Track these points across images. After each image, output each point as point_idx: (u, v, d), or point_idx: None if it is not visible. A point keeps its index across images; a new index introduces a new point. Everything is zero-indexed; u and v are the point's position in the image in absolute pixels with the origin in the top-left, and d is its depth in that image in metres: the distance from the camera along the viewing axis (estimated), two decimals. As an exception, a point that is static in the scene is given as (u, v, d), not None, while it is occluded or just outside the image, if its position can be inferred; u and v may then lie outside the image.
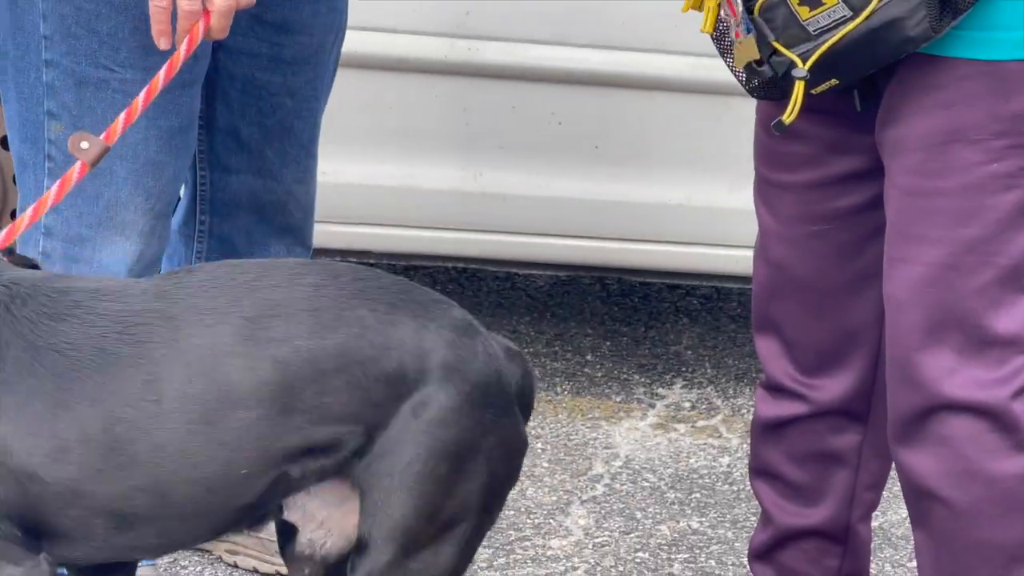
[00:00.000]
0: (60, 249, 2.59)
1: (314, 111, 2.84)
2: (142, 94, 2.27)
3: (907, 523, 3.40)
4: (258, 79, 2.72)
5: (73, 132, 2.52)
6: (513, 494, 3.45)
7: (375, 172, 3.77)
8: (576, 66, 3.73)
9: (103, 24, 2.49)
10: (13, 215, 3.81)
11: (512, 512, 3.41)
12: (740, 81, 2.37)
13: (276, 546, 3.02)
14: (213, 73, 2.69)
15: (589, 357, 4.25)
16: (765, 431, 2.60)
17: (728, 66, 2.38)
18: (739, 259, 3.74)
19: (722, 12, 2.30)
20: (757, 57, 2.28)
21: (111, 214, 2.57)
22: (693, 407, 3.98)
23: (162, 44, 2.34)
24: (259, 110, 2.72)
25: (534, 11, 3.71)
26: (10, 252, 2.18)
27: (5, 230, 2.15)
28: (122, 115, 2.26)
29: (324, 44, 2.80)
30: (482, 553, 3.24)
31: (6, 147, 3.77)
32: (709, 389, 4.09)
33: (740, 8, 2.27)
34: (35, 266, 2.21)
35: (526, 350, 4.26)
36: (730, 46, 2.34)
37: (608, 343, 4.34)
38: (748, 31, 2.28)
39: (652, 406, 3.98)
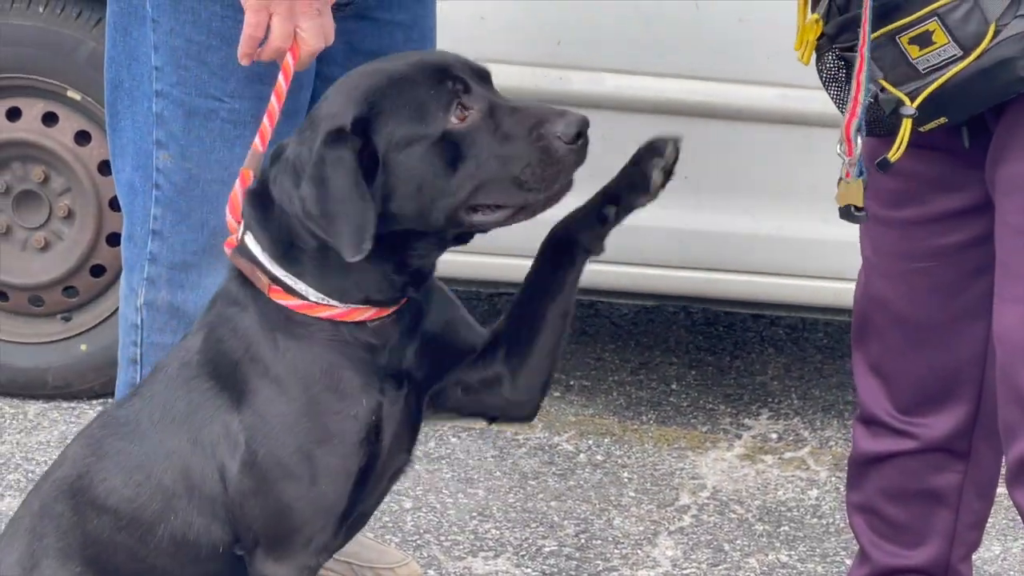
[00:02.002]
0: (165, 275, 2.62)
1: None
2: (265, 121, 2.32)
3: (1001, 560, 3.39)
4: None
5: (181, 161, 2.56)
6: (600, 523, 3.47)
7: (464, 200, 3.79)
8: (666, 96, 3.73)
9: (213, 55, 2.53)
10: (109, 240, 3.85)
11: (599, 542, 3.41)
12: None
13: (364, 571, 3.05)
14: (310, 101, 2.73)
15: (674, 386, 4.25)
16: (863, 466, 2.59)
17: (834, 101, 2.37)
18: (831, 291, 3.73)
19: (838, 148, 2.29)
20: (860, 204, 2.29)
21: (217, 241, 2.59)
22: (780, 438, 3.97)
23: (244, 62, 2.38)
24: None
25: (624, 41, 3.72)
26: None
27: None
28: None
29: None
30: (569, 582, 3.25)
31: (103, 173, 3.82)
32: (796, 420, 4.07)
33: (858, 151, 2.26)
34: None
35: (610, 378, 4.27)
36: (835, 87, 2.34)
37: (693, 372, 4.34)
38: (860, 174, 2.27)
39: (738, 436, 3.97)
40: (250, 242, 2.19)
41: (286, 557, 2.17)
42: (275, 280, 2.17)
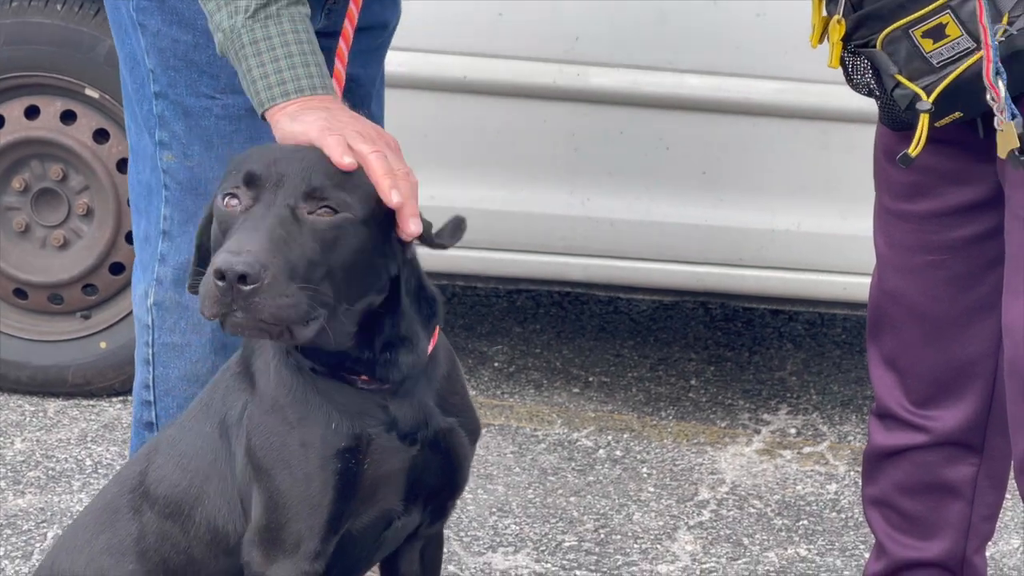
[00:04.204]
0: (171, 275, 2.62)
1: (381, 96, 2.85)
2: (338, 64, 2.35)
3: (1020, 553, 3.38)
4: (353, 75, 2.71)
5: (183, 161, 2.56)
6: (619, 518, 3.47)
7: (482, 196, 3.80)
8: (684, 92, 3.73)
9: (200, 54, 2.51)
10: (128, 237, 3.86)
11: (619, 537, 3.41)
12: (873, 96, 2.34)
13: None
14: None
15: (693, 382, 4.25)
16: (878, 460, 2.59)
17: (872, 96, 2.36)
18: (850, 285, 3.73)
19: (988, 96, 2.19)
20: (1018, 145, 2.18)
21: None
22: (799, 433, 3.97)
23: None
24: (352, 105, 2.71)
25: (642, 37, 3.72)
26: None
27: None
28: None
29: (390, 33, 2.80)
30: (588, 577, 3.26)
31: (121, 170, 3.83)
32: (815, 415, 4.07)
33: (1004, 93, 2.16)
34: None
35: (629, 374, 4.27)
36: (851, 76, 2.34)
37: (712, 368, 4.34)
38: (1012, 117, 2.17)
39: (757, 432, 3.97)
40: None
41: (279, 558, 2.20)
42: None
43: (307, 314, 2.04)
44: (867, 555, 3.24)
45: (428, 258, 4.08)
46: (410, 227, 2.14)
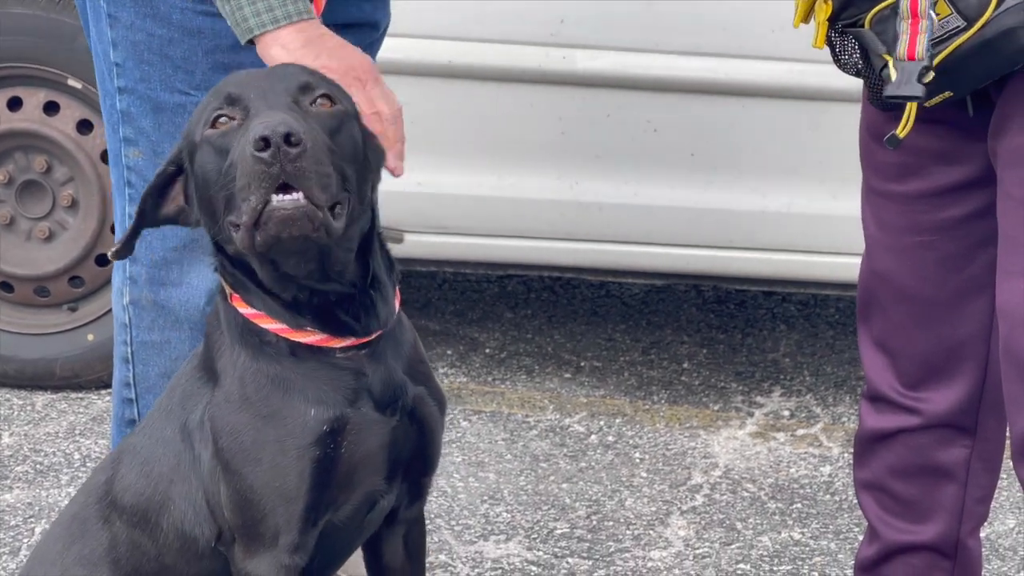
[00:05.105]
0: (145, 273, 2.59)
1: None
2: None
3: (1015, 533, 3.36)
4: None
5: (152, 158, 2.53)
6: (612, 504, 3.45)
7: (470, 182, 3.77)
8: (671, 73, 3.71)
9: (176, 49, 2.48)
10: (114, 229, 3.84)
11: (611, 523, 3.39)
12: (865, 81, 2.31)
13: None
14: None
15: (686, 365, 4.23)
16: (869, 443, 2.56)
17: (860, 77, 2.33)
18: (841, 266, 3.71)
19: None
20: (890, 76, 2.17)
21: (196, 235, 2.56)
22: (792, 415, 3.95)
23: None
24: None
25: (628, 19, 3.70)
26: None
27: None
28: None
29: (380, 35, 2.78)
30: (581, 564, 3.23)
31: (105, 161, 3.81)
32: (808, 397, 4.05)
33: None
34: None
35: (621, 358, 4.25)
36: (838, 56, 2.31)
37: (705, 351, 4.31)
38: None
39: (750, 415, 3.95)
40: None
41: (259, 552, 2.18)
42: (235, 286, 2.17)
43: (340, 191, 2.02)
44: (861, 538, 3.22)
45: (417, 246, 4.08)
46: (398, 170, 2.22)
